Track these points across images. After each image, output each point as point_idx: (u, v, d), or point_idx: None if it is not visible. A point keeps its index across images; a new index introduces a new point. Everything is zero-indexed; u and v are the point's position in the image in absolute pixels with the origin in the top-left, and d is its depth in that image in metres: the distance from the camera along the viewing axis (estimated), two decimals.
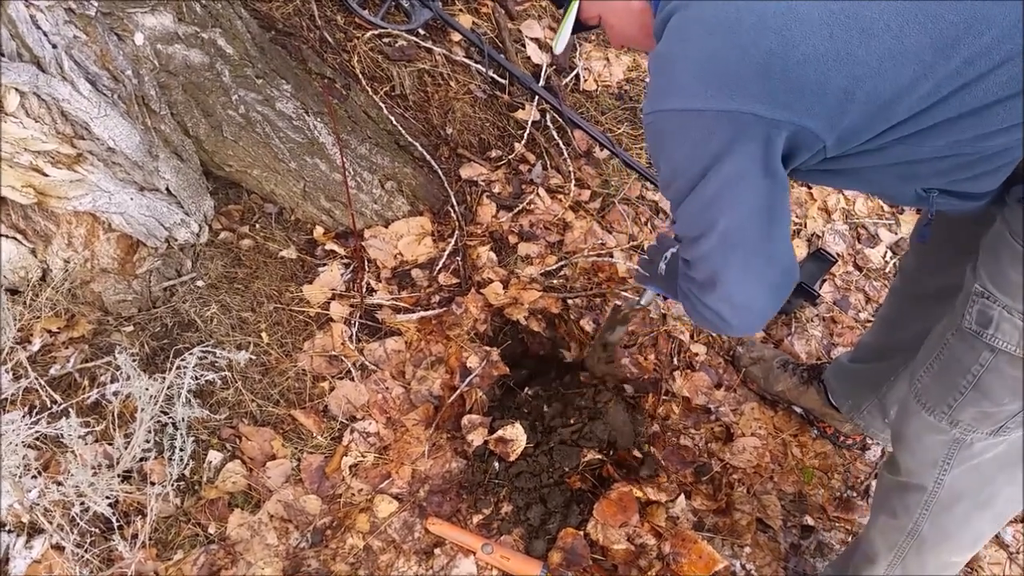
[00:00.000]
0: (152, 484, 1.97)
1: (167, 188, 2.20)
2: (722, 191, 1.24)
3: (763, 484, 2.25)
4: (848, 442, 2.33)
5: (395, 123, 2.72)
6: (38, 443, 1.99)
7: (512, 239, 2.69)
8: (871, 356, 2.11)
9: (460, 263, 2.61)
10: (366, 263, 2.56)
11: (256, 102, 2.36)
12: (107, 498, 1.90)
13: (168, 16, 2.14)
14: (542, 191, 2.81)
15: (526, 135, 2.91)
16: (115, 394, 2.10)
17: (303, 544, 1.99)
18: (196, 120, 2.32)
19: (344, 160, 2.44)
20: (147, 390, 1.97)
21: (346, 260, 2.56)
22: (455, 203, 2.73)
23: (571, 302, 2.54)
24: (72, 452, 1.92)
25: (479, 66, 2.91)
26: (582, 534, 2.05)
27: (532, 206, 2.78)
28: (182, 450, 1.99)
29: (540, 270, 2.60)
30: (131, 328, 2.26)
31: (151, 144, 2.11)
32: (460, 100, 2.86)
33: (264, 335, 2.32)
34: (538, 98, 2.88)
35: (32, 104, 1.83)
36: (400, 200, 2.67)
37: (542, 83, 2.94)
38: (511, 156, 2.88)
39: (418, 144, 2.75)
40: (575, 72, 3.14)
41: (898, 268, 2.00)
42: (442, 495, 2.11)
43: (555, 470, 2.13)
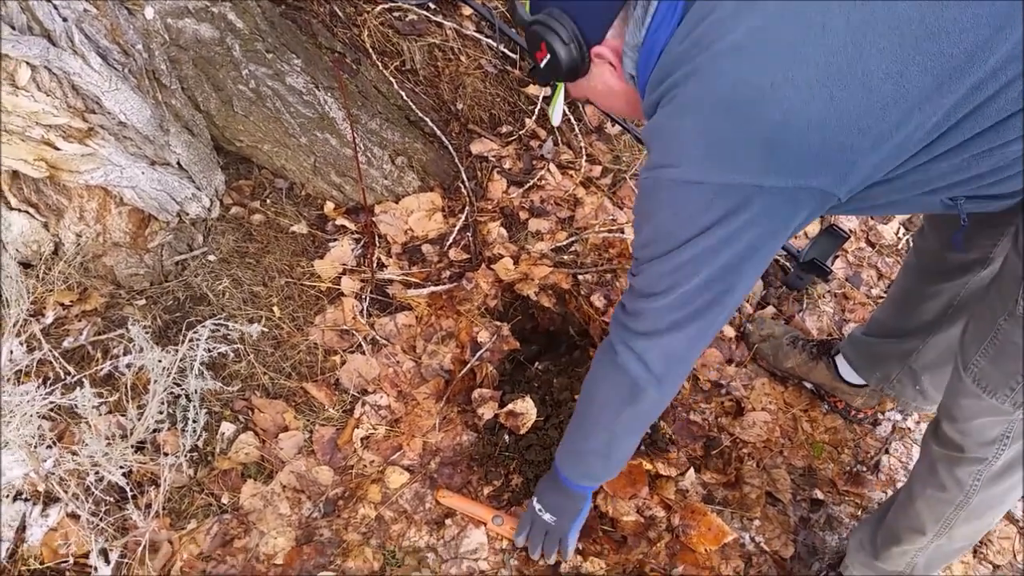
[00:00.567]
0: (165, 455, 1.99)
1: (178, 162, 2.21)
2: (702, 256, 1.25)
3: (773, 458, 2.25)
4: (859, 416, 2.32)
5: (405, 98, 2.72)
6: (52, 414, 2.01)
7: (523, 215, 2.69)
8: (888, 332, 2.10)
9: (470, 239, 2.61)
10: (376, 238, 2.57)
11: (266, 77, 2.36)
12: (121, 468, 1.92)
13: None
14: (553, 167, 2.80)
15: (537, 110, 2.90)
16: (128, 366, 2.12)
17: (315, 514, 2.01)
18: (207, 95, 2.33)
19: (355, 135, 2.44)
20: (160, 362, 1.99)
21: (357, 235, 2.56)
22: (465, 179, 2.72)
23: (581, 278, 2.54)
24: (86, 423, 1.95)
25: (490, 40, 2.89)
26: (592, 506, 2.06)
27: (543, 182, 2.77)
28: (195, 421, 2.01)
29: (551, 246, 2.60)
30: (143, 301, 2.27)
31: (162, 118, 2.12)
32: (471, 75, 2.84)
33: (276, 309, 2.34)
34: None
35: (43, 78, 1.84)
36: (411, 175, 2.67)
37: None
38: (522, 131, 2.87)
39: (428, 119, 2.74)
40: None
41: (913, 245, 1.98)
42: (453, 467, 2.13)
43: None
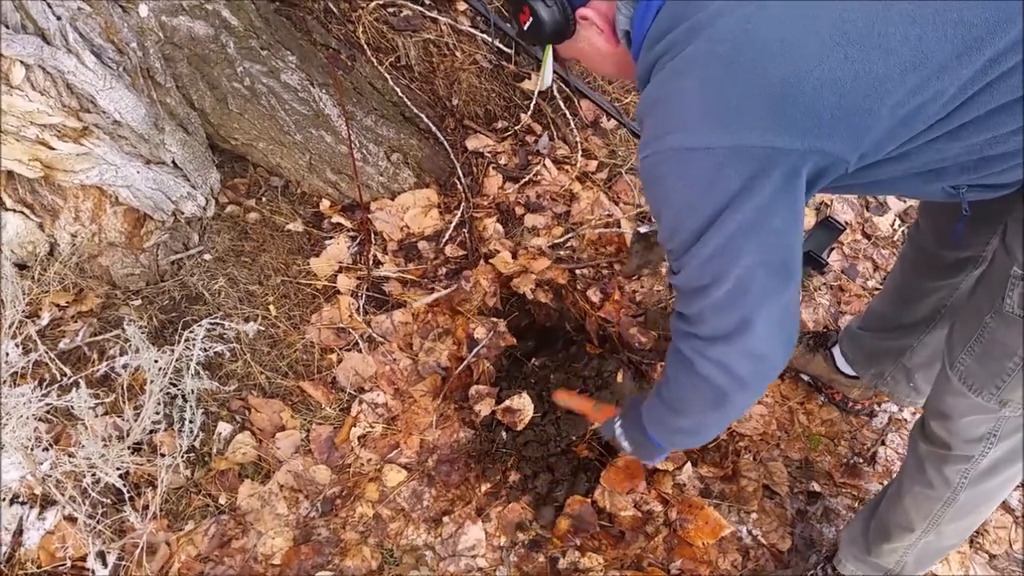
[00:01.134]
0: (162, 456, 1.99)
1: (173, 161, 2.21)
2: (739, 233, 1.13)
3: (769, 451, 2.25)
4: (856, 407, 2.32)
5: (400, 94, 2.71)
6: (49, 416, 2.01)
7: (519, 210, 2.69)
8: (884, 325, 2.09)
9: (467, 235, 2.61)
10: (372, 236, 2.56)
11: (261, 74, 2.36)
12: (118, 469, 1.92)
13: None
14: (548, 162, 2.80)
15: (532, 105, 2.89)
16: (124, 367, 2.12)
17: (313, 513, 2.01)
18: (201, 92, 2.32)
19: (350, 132, 2.44)
20: (156, 362, 1.98)
21: (353, 233, 2.56)
22: (461, 175, 2.72)
23: (578, 273, 2.54)
24: (82, 424, 1.94)
25: (485, 36, 2.88)
26: (589, 501, 2.06)
27: (538, 177, 2.77)
28: (191, 422, 2.00)
29: (547, 241, 2.60)
30: (139, 301, 2.27)
31: (157, 117, 2.11)
32: (466, 71, 2.84)
33: (272, 308, 2.33)
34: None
35: (37, 77, 1.83)
36: (406, 172, 2.66)
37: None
38: (517, 127, 2.87)
39: (424, 115, 2.74)
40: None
41: (908, 238, 1.97)
42: (450, 464, 2.13)
43: (562, 439, 2.15)
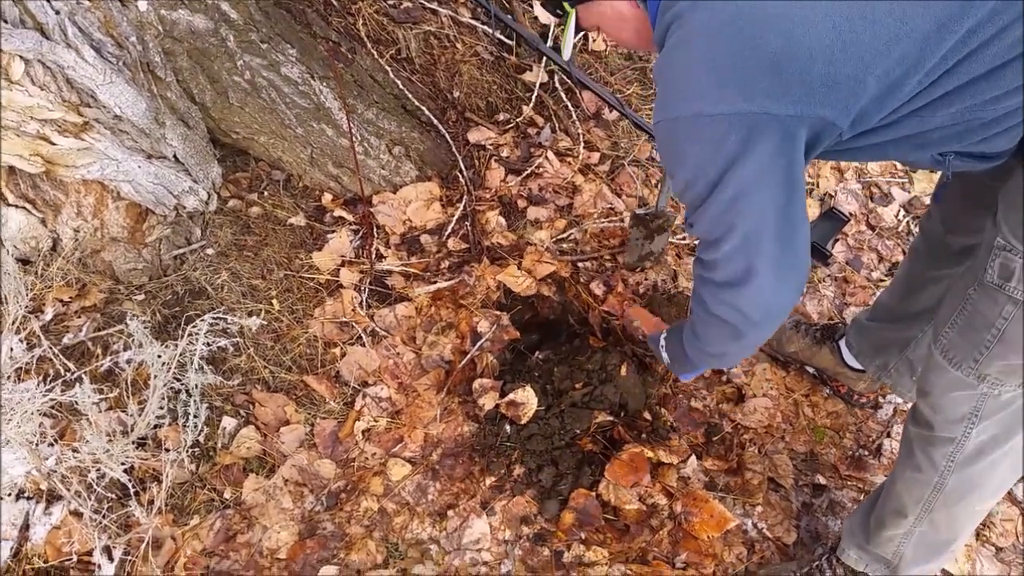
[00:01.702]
0: (167, 450, 1.99)
1: (174, 155, 2.20)
2: (742, 192, 1.25)
3: (774, 444, 2.25)
4: (862, 400, 2.32)
5: (401, 87, 2.70)
6: (53, 411, 2.00)
7: (521, 203, 2.68)
8: (891, 316, 2.10)
9: (469, 228, 2.60)
10: (375, 229, 2.55)
11: (261, 67, 2.35)
12: (123, 464, 1.92)
13: None
14: (551, 154, 2.79)
15: (534, 97, 2.88)
16: (128, 362, 2.12)
17: (318, 507, 2.01)
18: (202, 86, 2.31)
19: (351, 125, 2.43)
20: (160, 357, 1.98)
21: (355, 226, 2.55)
22: (463, 167, 2.71)
23: (581, 265, 2.53)
24: (87, 419, 1.94)
25: (486, 27, 2.87)
26: (594, 495, 2.06)
27: (541, 170, 2.76)
28: (196, 416, 2.00)
29: (549, 234, 2.59)
30: (142, 296, 2.27)
31: (157, 111, 2.10)
32: (467, 63, 2.82)
33: (275, 302, 2.33)
34: (546, 59, 2.84)
35: (37, 72, 1.82)
36: (408, 165, 2.66)
37: (550, 44, 2.90)
38: (519, 119, 2.86)
39: (425, 108, 2.73)
40: (584, 32, 3.09)
41: (919, 229, 1.98)
42: (454, 458, 2.12)
43: (566, 432, 2.14)
